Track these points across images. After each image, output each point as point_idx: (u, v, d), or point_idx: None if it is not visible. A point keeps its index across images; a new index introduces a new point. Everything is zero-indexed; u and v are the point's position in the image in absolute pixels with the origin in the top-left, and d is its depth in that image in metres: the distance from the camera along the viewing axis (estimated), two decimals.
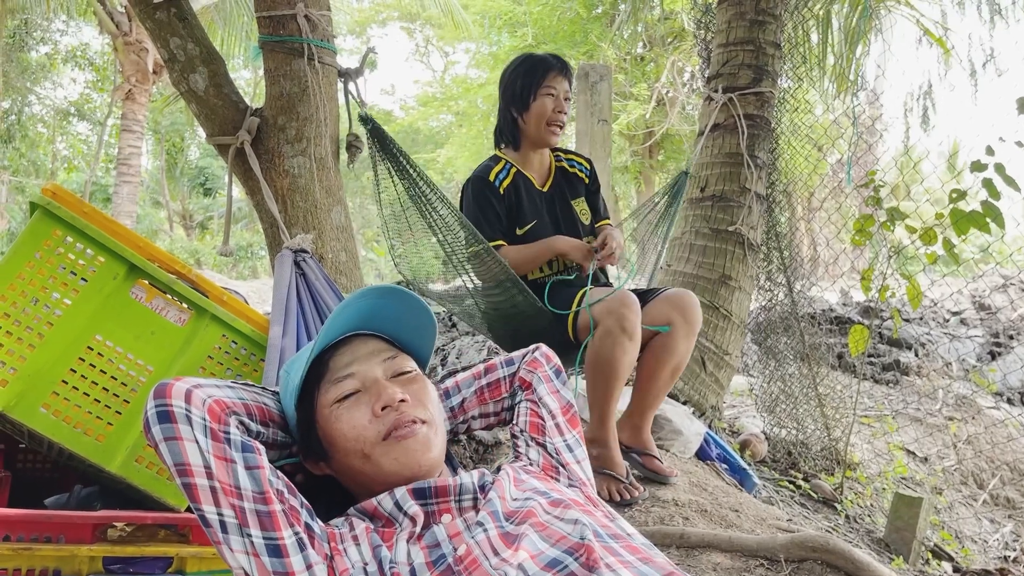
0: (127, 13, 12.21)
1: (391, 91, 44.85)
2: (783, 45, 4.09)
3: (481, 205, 2.71)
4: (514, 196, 2.75)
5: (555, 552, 0.99)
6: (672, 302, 2.64)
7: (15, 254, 1.61)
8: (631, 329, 2.45)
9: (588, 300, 2.53)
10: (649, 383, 2.67)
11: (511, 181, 2.75)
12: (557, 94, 2.71)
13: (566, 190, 2.87)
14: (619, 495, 2.53)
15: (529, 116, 2.72)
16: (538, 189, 2.82)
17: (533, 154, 2.82)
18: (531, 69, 2.71)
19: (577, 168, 2.93)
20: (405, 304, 1.25)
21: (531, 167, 2.83)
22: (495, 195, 2.71)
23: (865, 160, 7.61)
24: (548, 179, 2.86)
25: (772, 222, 4.09)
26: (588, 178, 2.95)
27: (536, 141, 2.77)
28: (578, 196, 2.89)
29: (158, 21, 2.52)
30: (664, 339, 2.61)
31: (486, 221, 2.68)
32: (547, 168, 2.88)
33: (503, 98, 2.79)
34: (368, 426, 1.15)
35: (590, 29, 13.94)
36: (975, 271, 6.89)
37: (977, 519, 4.14)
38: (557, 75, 2.70)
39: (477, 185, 2.73)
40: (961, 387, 5.67)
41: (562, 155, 2.93)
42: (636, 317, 2.47)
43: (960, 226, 3.07)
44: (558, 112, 2.71)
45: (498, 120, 2.85)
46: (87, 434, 1.63)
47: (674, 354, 2.62)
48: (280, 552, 1.01)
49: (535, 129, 2.73)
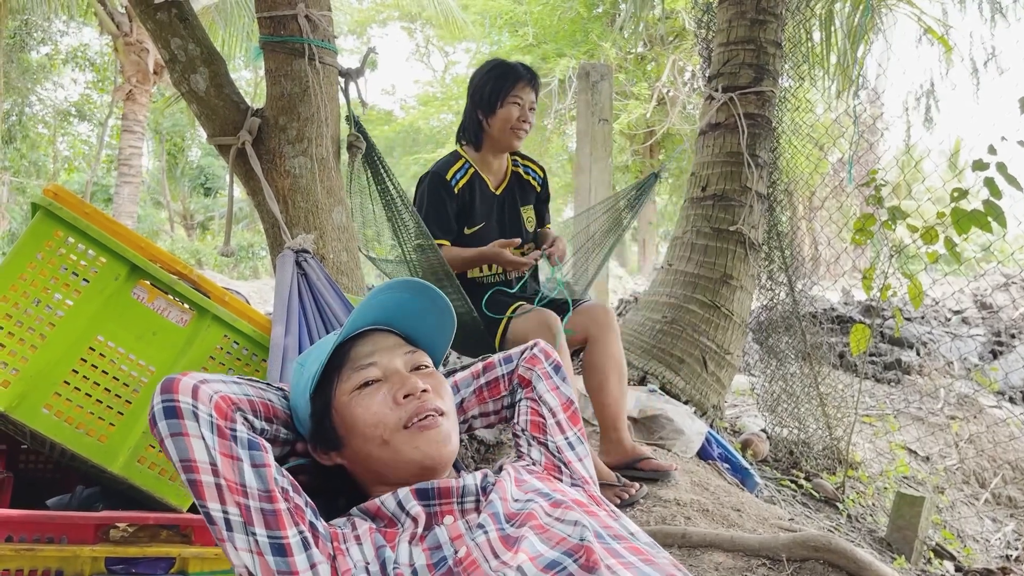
0: (127, 13, 12.21)
1: (392, 91, 44.89)
2: (784, 44, 4.09)
3: (434, 202, 2.81)
4: (468, 196, 2.85)
5: (554, 554, 0.98)
6: (584, 315, 2.78)
7: (17, 255, 1.61)
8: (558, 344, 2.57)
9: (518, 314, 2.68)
10: (602, 396, 2.75)
11: (467, 181, 2.86)
12: (523, 104, 2.80)
13: (517, 195, 2.98)
14: (617, 499, 2.54)
15: (494, 120, 2.81)
16: (491, 191, 2.92)
17: (492, 157, 2.92)
18: (502, 76, 2.80)
19: (531, 176, 3.04)
20: (431, 302, 1.26)
21: (488, 169, 2.93)
22: (449, 194, 2.81)
23: (866, 159, 7.61)
24: (503, 182, 2.96)
25: (773, 221, 4.09)
26: (540, 186, 3.07)
27: (498, 145, 2.88)
28: (527, 203, 3.01)
29: (159, 22, 2.51)
30: (592, 350, 2.76)
31: (436, 219, 2.78)
32: (503, 171, 2.98)
33: (471, 99, 2.88)
34: (389, 413, 1.15)
35: (591, 28, 13.94)
36: (977, 270, 6.89)
37: (979, 518, 4.14)
38: (526, 86, 2.80)
39: (434, 181, 2.84)
40: (963, 386, 5.66)
41: (519, 160, 3.04)
42: (560, 339, 2.60)
43: (962, 225, 3.07)
44: (522, 121, 2.81)
45: (463, 118, 2.95)
46: (89, 435, 1.63)
47: (608, 359, 2.74)
48: (284, 551, 1.01)
49: (499, 133, 2.83)
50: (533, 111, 2.84)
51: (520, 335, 2.62)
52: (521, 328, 2.64)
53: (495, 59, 2.92)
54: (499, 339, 2.70)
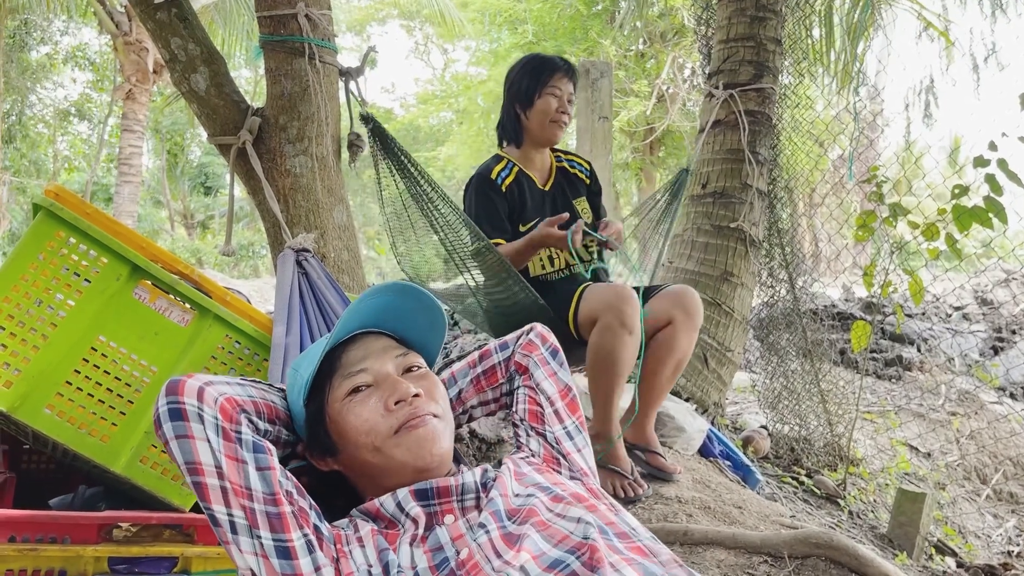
0: (127, 13, 12.20)
1: (391, 89, 44.80)
2: (784, 41, 4.09)
3: (483, 203, 2.73)
4: (517, 194, 2.77)
5: (557, 552, 0.98)
6: (673, 298, 2.64)
7: (18, 256, 1.61)
8: (630, 323, 2.46)
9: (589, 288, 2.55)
10: (651, 379, 2.67)
11: (513, 179, 2.78)
12: (561, 95, 2.75)
13: (567, 189, 2.90)
14: (623, 491, 2.54)
15: (533, 113, 2.75)
16: (540, 188, 2.85)
17: (535, 153, 2.86)
18: (538, 68, 2.75)
19: (578, 169, 2.97)
20: (418, 302, 1.26)
21: (533, 166, 2.86)
22: (497, 193, 2.74)
23: (867, 156, 7.60)
24: (549, 178, 2.90)
25: (774, 218, 4.08)
26: (589, 179, 2.99)
27: (538, 139, 2.81)
28: (579, 196, 2.93)
29: (159, 21, 2.52)
30: (666, 335, 2.62)
31: (488, 219, 2.69)
32: (548, 167, 2.92)
33: (508, 94, 2.82)
34: (380, 420, 1.15)
35: (590, 26, 13.93)
36: (978, 266, 6.89)
37: (980, 514, 4.14)
38: (563, 76, 2.75)
39: (480, 183, 2.76)
40: (964, 382, 5.66)
41: (562, 155, 2.97)
42: (635, 311, 2.47)
43: (963, 221, 3.07)
44: (561, 112, 2.75)
45: (501, 116, 2.88)
46: (91, 435, 1.63)
47: (676, 350, 2.62)
48: (289, 554, 1.01)
49: (538, 127, 2.77)
50: (572, 103, 2.79)
51: (592, 308, 2.51)
52: (593, 300, 2.53)
53: (530, 54, 2.88)
54: (572, 318, 2.59)
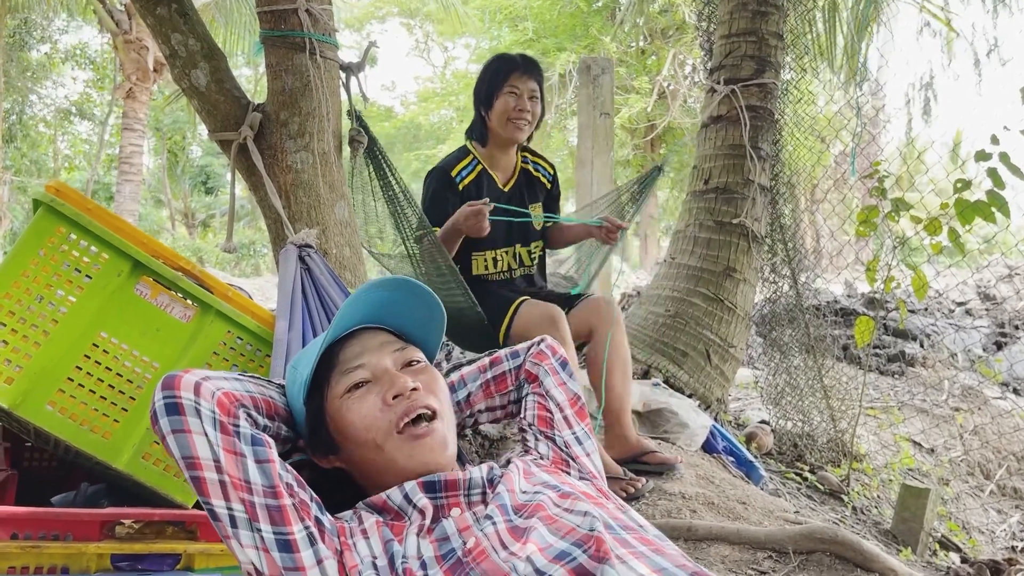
0: (127, 11, 12.20)
1: (392, 87, 44.76)
2: (786, 36, 4.08)
3: (435, 196, 2.81)
4: (474, 192, 2.83)
5: (564, 544, 0.98)
6: (588, 309, 2.78)
7: (19, 252, 1.61)
8: (564, 337, 2.58)
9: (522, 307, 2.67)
10: (608, 388, 2.74)
11: (474, 178, 2.84)
12: (520, 93, 2.77)
13: (525, 193, 2.96)
14: (623, 492, 2.54)
15: (493, 114, 2.80)
16: (499, 188, 2.90)
17: (500, 153, 2.91)
18: (497, 69, 2.79)
19: (541, 173, 3.02)
20: (415, 296, 1.25)
21: (497, 165, 2.91)
22: (452, 190, 2.81)
23: (869, 151, 7.58)
24: (511, 179, 2.95)
25: (776, 214, 4.08)
26: (550, 183, 3.05)
27: (500, 139, 2.85)
28: (536, 200, 2.99)
29: (159, 17, 2.51)
30: (595, 346, 2.76)
31: (434, 211, 2.77)
32: (512, 168, 2.96)
33: (474, 96, 2.88)
34: (380, 415, 1.14)
35: (591, 22, 13.92)
36: (980, 261, 6.87)
37: (984, 509, 4.13)
38: (522, 75, 2.77)
39: (438, 177, 2.84)
40: (967, 378, 5.65)
41: (529, 157, 3.02)
42: (564, 331, 2.60)
43: (965, 216, 3.06)
44: (519, 111, 2.77)
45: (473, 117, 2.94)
46: (93, 431, 1.63)
47: (613, 352, 2.73)
48: (290, 547, 1.00)
49: (498, 126, 2.81)
50: (535, 99, 2.79)
51: (524, 328, 2.61)
52: (525, 321, 2.63)
53: (495, 55, 2.92)
54: (504, 333, 2.69)
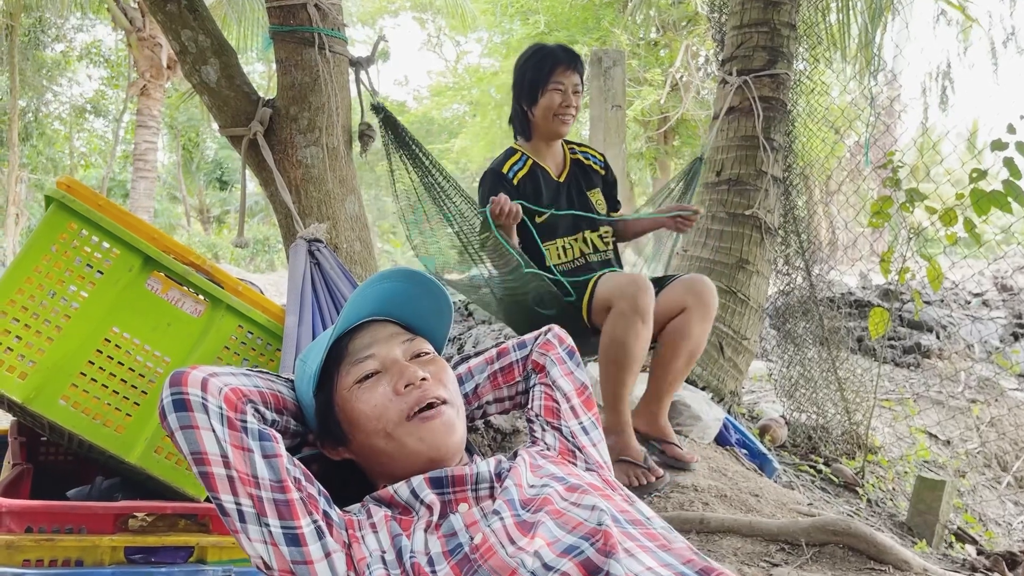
0: (140, 9, 12.26)
1: (404, 82, 44.77)
2: (798, 26, 4.04)
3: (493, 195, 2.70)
4: (530, 186, 2.77)
5: (572, 539, 0.98)
6: (686, 285, 2.63)
7: (32, 248, 1.62)
8: (644, 311, 2.44)
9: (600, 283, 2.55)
10: (665, 369, 2.66)
11: (527, 172, 2.79)
12: (565, 88, 2.72)
13: (582, 180, 2.91)
14: (638, 480, 2.52)
15: (537, 110, 2.76)
16: (555, 179, 2.85)
17: (545, 146, 2.86)
18: (539, 63, 2.73)
19: (592, 160, 2.97)
20: (423, 287, 1.25)
21: (546, 158, 2.86)
22: (508, 187, 2.73)
23: (883, 141, 7.52)
24: (564, 169, 2.90)
25: (789, 205, 4.05)
26: (603, 170, 2.99)
27: (545, 133, 2.81)
28: (594, 187, 2.93)
29: (169, 13, 2.52)
30: (679, 323, 2.61)
31: None
32: (562, 159, 2.92)
33: (513, 90, 2.83)
34: (390, 405, 1.14)
35: (602, 15, 13.86)
36: (997, 252, 6.80)
37: (1001, 501, 4.10)
38: (565, 69, 2.72)
39: (491, 177, 2.77)
40: (983, 369, 5.61)
41: (576, 147, 2.97)
42: (649, 299, 2.46)
43: (981, 206, 3.03)
44: (565, 106, 2.74)
45: (512, 110, 2.89)
46: (106, 425, 1.64)
47: (689, 338, 2.61)
48: (298, 541, 1.01)
49: (543, 122, 2.77)
50: (578, 94, 2.76)
51: (607, 295, 2.50)
52: (608, 288, 2.53)
53: (534, 45, 2.85)
54: (586, 305, 2.59)
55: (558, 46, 2.80)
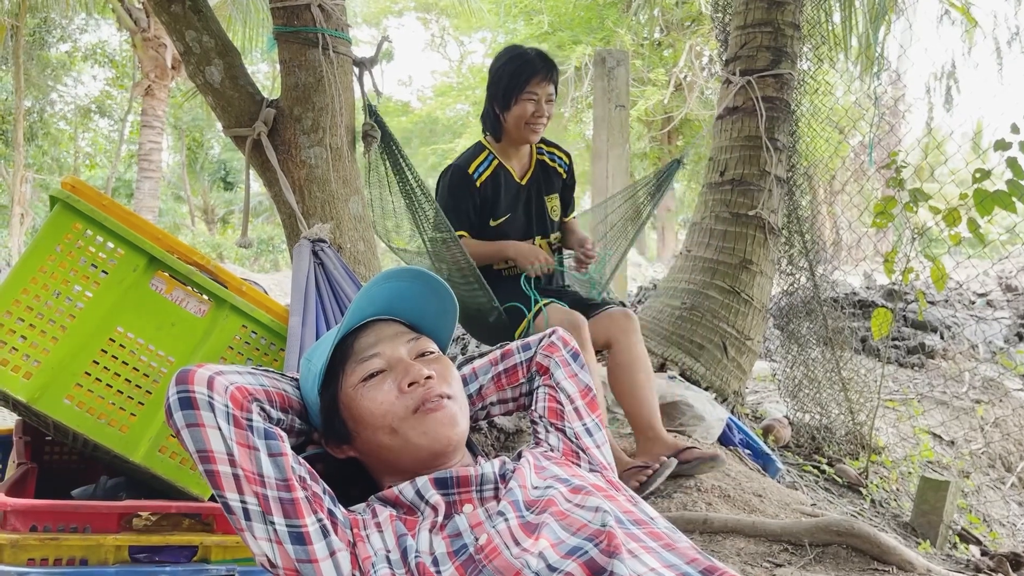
0: (145, 9, 12.28)
1: (408, 82, 44.85)
2: (802, 26, 4.04)
3: (455, 196, 2.80)
4: (491, 189, 2.82)
5: (576, 540, 0.98)
6: (609, 319, 2.75)
7: (36, 248, 1.63)
8: (585, 342, 2.56)
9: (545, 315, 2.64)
10: (634, 399, 2.70)
11: (491, 174, 2.83)
12: (539, 98, 2.75)
13: (543, 184, 2.95)
14: (645, 476, 2.50)
15: (509, 116, 2.79)
16: (516, 182, 2.90)
17: (513, 147, 2.90)
18: (517, 71, 2.74)
19: (557, 163, 3.01)
20: (428, 287, 1.25)
21: (512, 159, 2.91)
22: (470, 188, 2.79)
23: (887, 141, 7.51)
24: (528, 172, 2.94)
25: (793, 205, 4.04)
26: (566, 173, 3.03)
27: (516, 139, 2.85)
28: (552, 191, 2.98)
29: (173, 14, 2.52)
30: (616, 352, 2.73)
31: (455, 212, 2.76)
32: (528, 160, 2.95)
33: (488, 91, 2.85)
34: (396, 402, 1.15)
35: (606, 15, 13.86)
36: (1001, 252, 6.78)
37: (1005, 502, 4.09)
38: (541, 80, 2.74)
39: (455, 175, 2.82)
40: (988, 369, 5.59)
41: (544, 148, 3.00)
42: (586, 333, 2.59)
43: (985, 206, 3.02)
44: (537, 116, 2.77)
45: (484, 108, 2.91)
46: (111, 425, 1.64)
47: (635, 360, 2.70)
48: (303, 539, 1.01)
49: (514, 129, 2.80)
50: (551, 103, 2.79)
51: None
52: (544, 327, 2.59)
53: (512, 48, 2.86)
54: (521, 333, 2.67)
55: (536, 54, 2.79)
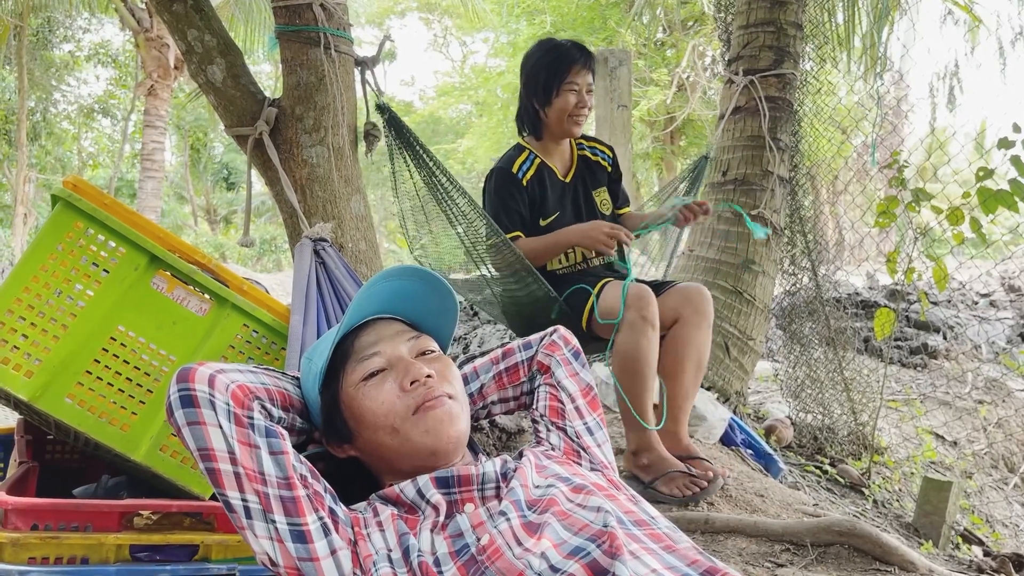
0: (148, 9, 12.29)
1: (411, 82, 44.88)
2: (805, 26, 4.03)
3: (503, 197, 2.68)
4: (537, 188, 2.72)
5: (578, 540, 0.98)
6: (682, 295, 2.58)
7: (38, 246, 1.63)
8: (652, 318, 2.42)
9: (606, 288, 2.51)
10: (674, 382, 2.58)
11: (535, 172, 2.73)
12: (580, 88, 2.66)
13: (588, 180, 2.85)
14: (689, 489, 2.42)
15: (551, 110, 2.69)
16: (560, 179, 2.80)
17: (554, 144, 2.80)
18: (554, 63, 2.66)
19: (600, 156, 2.90)
20: (428, 285, 1.25)
21: (554, 157, 2.81)
22: (517, 187, 2.69)
23: (890, 141, 7.51)
24: (571, 169, 2.84)
25: (796, 205, 4.04)
26: (610, 166, 2.92)
27: (558, 134, 2.75)
28: (599, 186, 2.87)
29: (175, 13, 2.53)
30: (678, 332, 2.56)
31: (506, 213, 2.66)
32: (569, 157, 2.86)
33: (525, 87, 2.75)
34: (396, 401, 1.15)
35: (609, 15, 13.86)
36: (1005, 252, 6.78)
37: (1008, 503, 4.09)
38: (580, 69, 2.65)
39: (500, 176, 2.71)
40: (991, 370, 5.58)
41: (584, 143, 2.90)
42: (655, 306, 2.44)
43: (988, 205, 3.01)
44: (580, 107, 2.68)
45: (519, 107, 2.82)
46: (112, 424, 1.64)
47: (691, 346, 2.55)
48: (304, 538, 1.01)
49: (556, 123, 2.71)
50: (591, 93, 2.70)
51: (610, 308, 2.46)
52: (611, 300, 2.47)
53: (545, 41, 2.77)
54: (587, 317, 2.55)
55: (572, 44, 2.71)
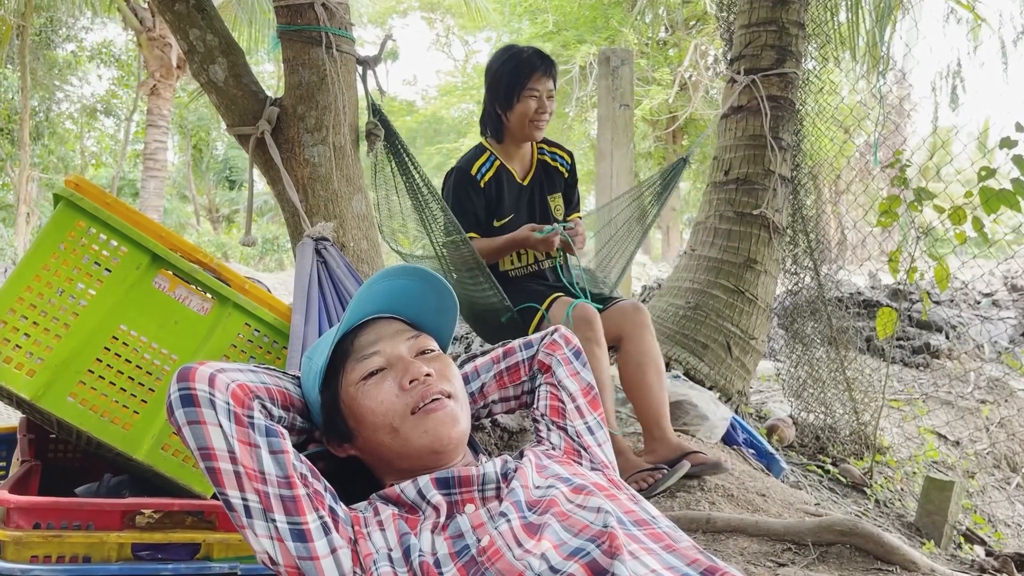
0: (150, 9, 12.31)
1: (413, 82, 44.89)
2: (807, 25, 4.03)
3: (460, 197, 2.80)
4: (494, 190, 2.83)
5: (578, 541, 0.98)
6: (620, 312, 2.74)
7: (40, 246, 1.63)
8: (597, 337, 2.55)
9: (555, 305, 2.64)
10: (645, 391, 2.68)
11: (493, 174, 2.84)
12: (540, 95, 2.76)
13: (544, 184, 2.96)
14: (647, 481, 2.48)
15: (512, 115, 2.79)
16: (518, 182, 2.91)
17: (516, 147, 2.90)
18: (515, 69, 2.75)
19: (559, 162, 3.01)
20: (428, 285, 1.25)
21: (514, 160, 2.91)
22: (475, 189, 2.80)
23: (893, 141, 7.50)
24: (529, 172, 2.94)
25: (798, 205, 4.04)
26: (568, 172, 3.03)
27: (519, 137, 2.85)
28: (555, 191, 2.98)
29: (177, 13, 2.53)
30: (628, 347, 2.70)
31: (462, 214, 2.77)
32: (529, 161, 2.96)
33: (488, 92, 2.85)
34: (396, 400, 1.14)
35: (611, 14, 13.86)
36: (1007, 252, 6.76)
37: (1010, 502, 4.08)
38: (541, 76, 2.75)
39: (459, 177, 2.83)
40: (993, 369, 5.58)
41: (545, 148, 3.00)
42: (599, 324, 2.58)
43: (990, 205, 3.01)
44: (540, 112, 2.78)
45: (483, 109, 2.92)
46: (114, 422, 1.65)
47: (645, 354, 2.68)
48: (304, 537, 1.01)
49: (518, 128, 2.81)
50: (552, 99, 2.80)
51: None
52: (557, 319, 2.60)
53: (508, 47, 2.87)
54: (534, 330, 2.66)
55: (533, 51, 2.80)
